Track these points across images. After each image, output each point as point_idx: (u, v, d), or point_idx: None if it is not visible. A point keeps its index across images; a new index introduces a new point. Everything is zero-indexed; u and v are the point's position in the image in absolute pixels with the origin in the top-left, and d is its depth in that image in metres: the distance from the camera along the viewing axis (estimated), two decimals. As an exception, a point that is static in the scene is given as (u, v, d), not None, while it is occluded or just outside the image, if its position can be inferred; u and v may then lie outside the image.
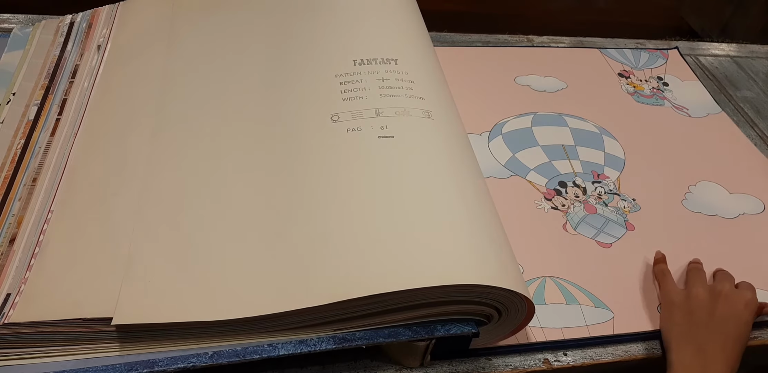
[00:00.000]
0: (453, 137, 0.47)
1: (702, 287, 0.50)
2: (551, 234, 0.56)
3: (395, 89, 0.48)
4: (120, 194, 0.45)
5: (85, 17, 0.62)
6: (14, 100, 0.53)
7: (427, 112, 0.47)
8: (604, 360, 0.48)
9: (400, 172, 0.43)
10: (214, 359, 0.38)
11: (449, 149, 0.46)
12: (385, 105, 0.47)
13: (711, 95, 0.75)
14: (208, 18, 0.58)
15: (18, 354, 0.38)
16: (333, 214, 0.41)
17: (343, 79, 0.49)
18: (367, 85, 0.48)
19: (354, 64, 0.50)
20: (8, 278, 0.41)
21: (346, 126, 0.46)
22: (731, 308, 0.47)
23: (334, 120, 0.46)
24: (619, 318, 0.50)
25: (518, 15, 1.82)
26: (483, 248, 0.40)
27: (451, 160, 0.45)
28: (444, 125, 0.47)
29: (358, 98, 0.47)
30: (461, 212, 0.41)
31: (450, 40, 0.77)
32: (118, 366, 0.38)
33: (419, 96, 0.48)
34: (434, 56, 0.55)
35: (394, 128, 0.45)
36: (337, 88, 0.48)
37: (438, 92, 0.50)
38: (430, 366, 0.46)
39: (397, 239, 0.39)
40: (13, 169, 0.48)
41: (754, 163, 0.66)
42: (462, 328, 0.41)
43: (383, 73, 0.49)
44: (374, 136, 0.45)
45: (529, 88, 0.71)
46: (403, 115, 0.46)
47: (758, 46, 0.88)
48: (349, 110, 0.47)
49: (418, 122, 0.46)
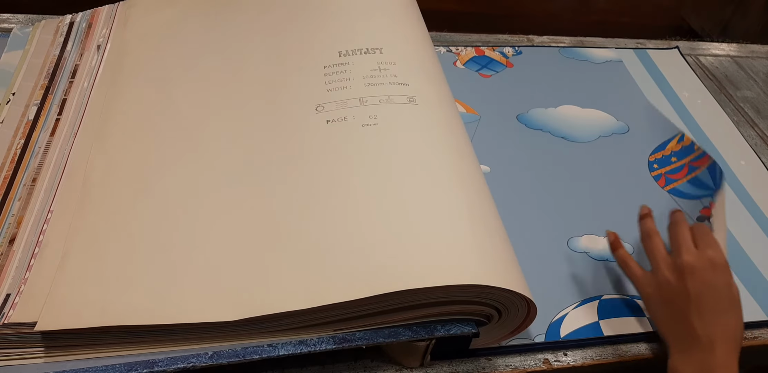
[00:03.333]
0: (441, 122, 0.47)
1: (666, 268, 0.46)
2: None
3: (379, 77, 0.48)
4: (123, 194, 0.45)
5: (84, 17, 0.62)
6: (14, 100, 0.53)
7: (411, 98, 0.47)
8: (604, 360, 0.48)
9: (389, 163, 0.43)
10: (214, 359, 0.38)
11: (436, 134, 0.46)
12: (369, 94, 0.47)
13: (711, 95, 0.75)
14: (197, 14, 0.59)
15: (18, 354, 0.38)
16: (330, 211, 0.41)
17: (329, 70, 0.50)
18: (351, 75, 0.49)
19: (339, 55, 0.51)
20: (8, 278, 0.41)
21: (329, 116, 0.46)
22: (701, 282, 0.44)
23: (318, 111, 0.46)
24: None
25: (518, 15, 1.82)
26: (485, 246, 0.39)
27: (438, 146, 0.45)
28: (430, 110, 0.47)
29: (342, 88, 0.48)
30: (458, 207, 0.41)
31: (450, 40, 0.77)
32: (118, 366, 0.38)
33: (403, 82, 0.48)
34: (425, 44, 0.55)
35: (379, 116, 0.46)
36: (322, 79, 0.49)
37: (424, 79, 0.50)
38: (430, 366, 0.46)
39: (398, 237, 0.39)
40: (12, 169, 0.48)
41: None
42: (462, 328, 0.41)
43: (368, 63, 0.50)
44: (358, 124, 0.45)
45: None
46: (387, 103, 0.46)
47: (758, 46, 0.88)
48: (333, 100, 0.47)
49: (401, 108, 0.46)
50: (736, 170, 0.66)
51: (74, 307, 0.38)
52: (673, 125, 0.67)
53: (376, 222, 0.40)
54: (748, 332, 0.52)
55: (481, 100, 0.68)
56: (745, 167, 0.67)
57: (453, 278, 0.37)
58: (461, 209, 0.41)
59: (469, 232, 0.40)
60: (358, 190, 0.42)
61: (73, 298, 0.38)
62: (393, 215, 0.40)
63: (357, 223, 0.40)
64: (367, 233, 0.40)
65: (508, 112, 0.67)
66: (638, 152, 0.65)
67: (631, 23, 1.88)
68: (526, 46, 0.76)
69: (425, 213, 0.40)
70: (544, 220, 0.57)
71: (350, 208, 0.41)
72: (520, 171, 0.61)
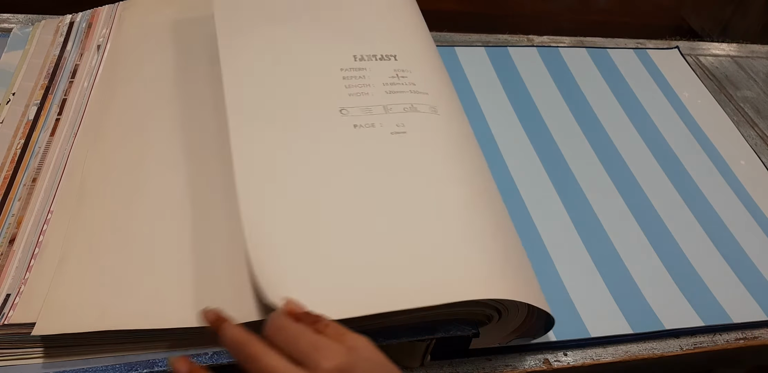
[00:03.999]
0: (461, 133, 0.47)
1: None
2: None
3: (399, 85, 0.48)
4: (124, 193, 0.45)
5: (84, 17, 0.62)
6: (14, 100, 0.53)
7: (433, 108, 0.47)
8: (604, 360, 0.48)
9: (415, 172, 0.43)
10: (214, 359, 0.38)
11: (459, 146, 0.46)
12: (392, 101, 0.47)
13: (711, 95, 0.75)
14: (197, 15, 0.58)
15: (18, 354, 0.38)
16: (350, 221, 0.40)
17: (347, 73, 0.49)
18: (370, 81, 0.48)
19: (354, 59, 0.50)
20: (8, 278, 0.41)
21: (356, 121, 0.45)
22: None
23: (344, 114, 0.46)
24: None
25: (518, 15, 1.82)
26: (509, 261, 0.40)
27: (461, 158, 0.45)
28: (451, 121, 0.47)
29: (363, 94, 0.47)
30: (476, 221, 0.41)
31: (450, 40, 0.77)
32: (118, 366, 0.38)
33: (423, 91, 0.48)
34: (434, 51, 0.55)
35: (407, 125, 0.45)
36: (341, 82, 0.48)
37: (441, 88, 0.50)
38: (430, 366, 0.46)
39: (412, 253, 0.39)
40: (12, 169, 0.48)
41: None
42: (462, 328, 0.41)
43: (385, 70, 0.49)
44: (387, 132, 0.45)
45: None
46: (411, 111, 0.46)
47: (758, 46, 0.88)
48: (357, 105, 0.46)
49: (427, 118, 0.46)
50: (736, 170, 0.66)
51: (72, 310, 0.38)
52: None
53: (404, 235, 0.40)
54: (749, 332, 0.52)
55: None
56: (745, 167, 0.67)
57: (472, 293, 0.37)
58: (484, 226, 0.41)
59: (492, 246, 0.40)
60: (387, 199, 0.41)
61: (70, 301, 0.38)
62: (421, 228, 0.40)
63: (367, 231, 0.40)
64: (396, 245, 0.39)
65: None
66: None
67: (631, 23, 1.88)
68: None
69: (452, 228, 0.40)
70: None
71: (382, 216, 0.41)
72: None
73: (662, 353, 0.49)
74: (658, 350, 0.49)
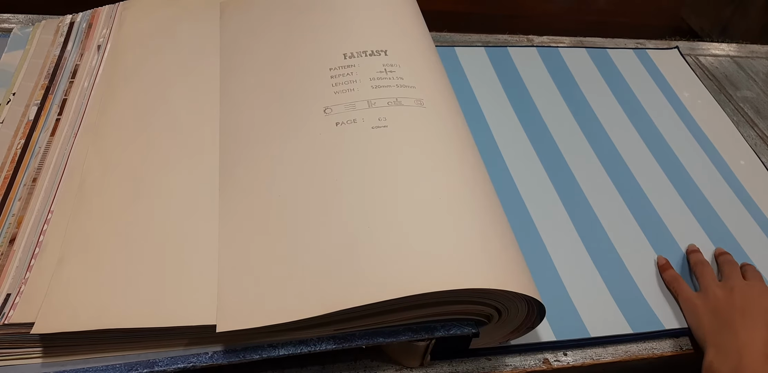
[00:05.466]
0: (448, 125, 0.47)
1: (717, 287, 0.52)
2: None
3: (386, 80, 0.48)
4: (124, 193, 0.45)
5: (85, 17, 0.62)
6: (14, 100, 0.53)
7: (419, 100, 0.47)
8: (604, 360, 0.48)
9: (396, 166, 0.43)
10: (214, 359, 0.38)
11: (445, 138, 0.46)
12: (376, 96, 0.47)
13: (711, 95, 0.75)
14: (196, 15, 0.59)
15: (18, 354, 0.38)
16: (336, 214, 0.41)
17: (335, 72, 0.49)
18: (357, 77, 0.48)
19: (344, 57, 0.50)
20: (8, 278, 0.41)
21: (338, 119, 0.46)
22: (747, 297, 0.50)
23: (327, 113, 0.46)
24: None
25: (518, 15, 1.82)
26: (491, 249, 0.39)
27: (446, 150, 0.45)
28: (438, 113, 0.47)
29: (349, 91, 0.48)
30: (466, 210, 0.41)
31: (450, 40, 0.77)
32: (118, 366, 0.38)
33: (410, 85, 0.48)
34: (429, 46, 0.55)
35: (389, 118, 0.45)
36: (329, 81, 0.49)
37: (431, 81, 0.50)
38: (430, 366, 0.46)
39: (404, 241, 0.39)
40: (13, 169, 0.48)
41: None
42: (462, 328, 0.41)
43: (374, 65, 0.49)
44: (368, 126, 0.45)
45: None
46: (395, 105, 0.46)
47: (758, 46, 0.88)
48: (341, 103, 0.47)
49: (411, 111, 0.46)
50: (736, 170, 0.66)
51: (71, 310, 0.38)
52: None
53: (388, 226, 0.40)
54: (748, 332, 0.52)
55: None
56: (745, 167, 0.67)
57: (464, 281, 0.37)
58: (471, 214, 0.41)
59: (473, 235, 0.40)
60: (367, 193, 0.42)
61: (70, 301, 0.38)
62: (403, 219, 0.40)
63: (367, 227, 0.40)
64: (378, 237, 0.39)
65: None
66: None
67: (631, 23, 1.88)
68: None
69: (434, 218, 0.40)
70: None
71: (358, 212, 0.41)
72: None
73: (662, 353, 0.49)
74: (658, 350, 0.49)
